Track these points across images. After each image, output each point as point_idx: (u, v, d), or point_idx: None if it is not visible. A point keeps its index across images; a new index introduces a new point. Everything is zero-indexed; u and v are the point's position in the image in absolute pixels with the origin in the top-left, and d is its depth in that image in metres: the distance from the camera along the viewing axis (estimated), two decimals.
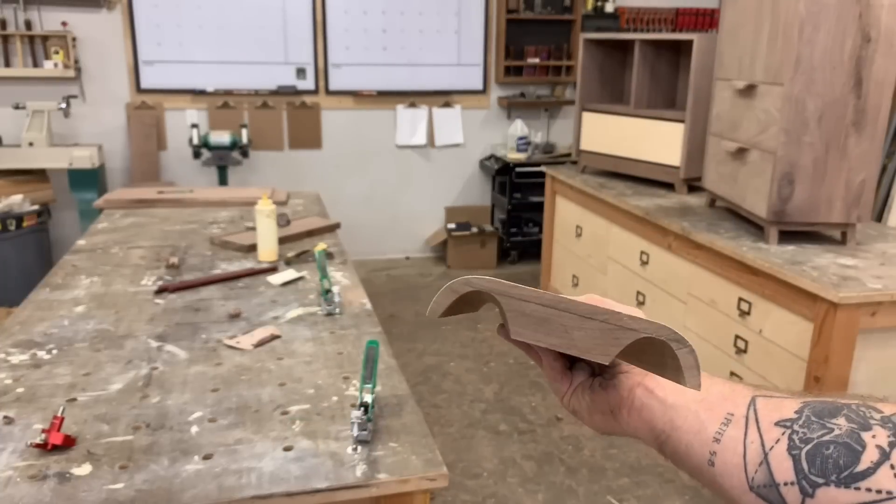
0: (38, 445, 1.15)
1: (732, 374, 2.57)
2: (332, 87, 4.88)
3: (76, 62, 4.41)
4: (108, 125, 4.61)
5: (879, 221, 3.96)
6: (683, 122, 3.31)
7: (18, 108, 4.21)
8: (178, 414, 1.29)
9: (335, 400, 1.36)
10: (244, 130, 4.58)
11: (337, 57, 4.85)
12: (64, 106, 4.25)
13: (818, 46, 2.29)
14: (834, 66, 2.31)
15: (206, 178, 4.75)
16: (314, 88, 4.86)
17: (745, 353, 2.49)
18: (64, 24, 4.36)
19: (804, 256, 2.37)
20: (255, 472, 1.12)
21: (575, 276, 3.92)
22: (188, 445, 1.19)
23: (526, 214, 5.15)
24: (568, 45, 5.22)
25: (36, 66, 4.37)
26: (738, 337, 2.53)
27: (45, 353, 1.54)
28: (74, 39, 4.39)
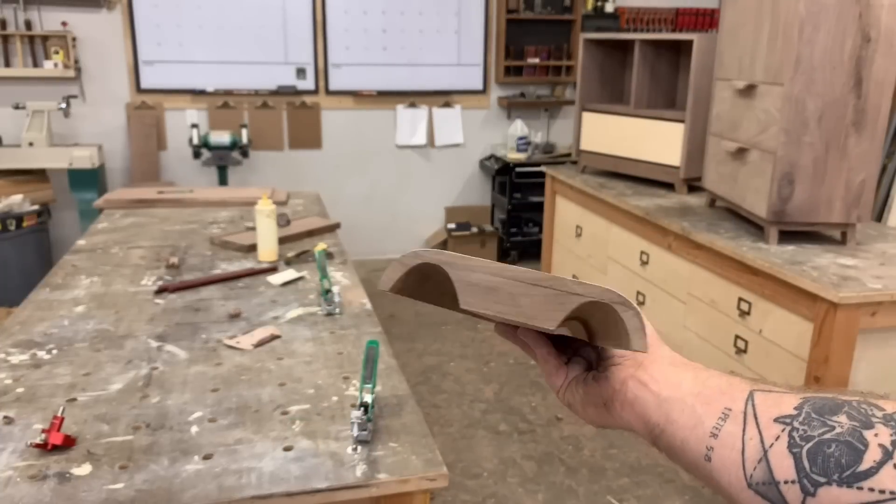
0: (38, 445, 1.15)
1: (732, 374, 2.57)
2: (332, 87, 4.88)
3: (76, 62, 4.41)
4: (108, 125, 4.61)
5: (879, 221, 3.96)
6: (683, 122, 3.31)
7: (18, 108, 4.21)
8: (178, 414, 1.29)
9: (335, 400, 1.36)
10: (244, 130, 4.58)
11: (337, 57, 4.85)
12: (64, 106, 4.25)
13: (818, 46, 2.29)
14: (834, 66, 2.31)
15: (206, 178, 4.75)
16: (314, 88, 4.85)
17: (745, 353, 2.49)
18: (64, 24, 4.36)
19: (804, 256, 2.37)
20: (255, 472, 1.12)
21: (575, 276, 3.92)
22: (188, 445, 1.19)
23: (526, 214, 5.15)
24: (568, 45, 5.22)
25: (36, 66, 4.37)
26: (738, 337, 2.53)
27: (45, 353, 1.54)
28: (74, 39, 4.39)
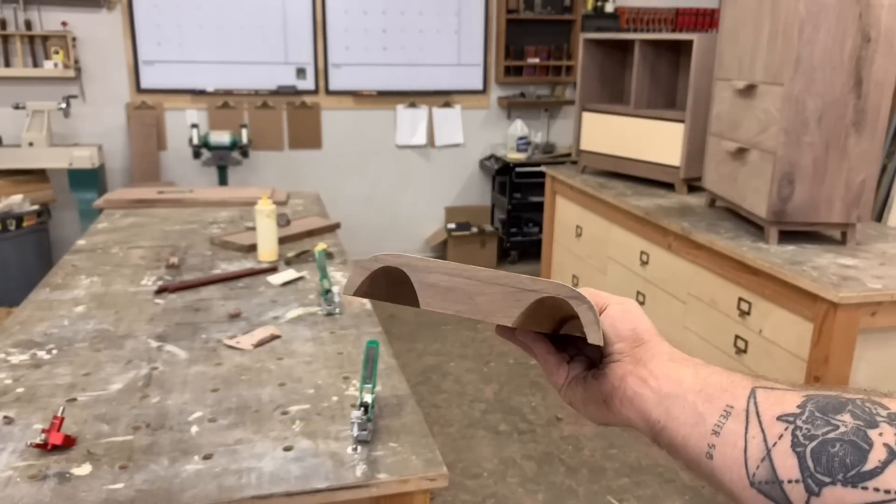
0: (38, 445, 1.15)
1: (733, 370, 2.57)
2: (332, 87, 4.88)
3: (76, 62, 4.41)
4: (108, 125, 4.61)
5: (879, 221, 3.96)
6: (683, 122, 3.31)
7: (18, 108, 4.21)
8: (178, 414, 1.29)
9: (335, 400, 1.36)
10: (244, 130, 4.58)
11: (337, 57, 4.85)
12: (64, 106, 4.25)
13: (818, 46, 2.29)
14: (834, 66, 2.31)
15: (206, 178, 4.75)
16: (314, 88, 4.85)
17: (745, 353, 2.49)
18: (64, 24, 4.36)
19: (804, 256, 2.37)
20: (255, 472, 1.12)
21: (575, 276, 3.92)
22: (188, 445, 1.19)
23: (526, 214, 5.15)
24: (568, 45, 5.22)
25: (36, 66, 4.37)
26: (738, 337, 2.53)
27: (45, 353, 1.54)
28: (74, 39, 4.39)
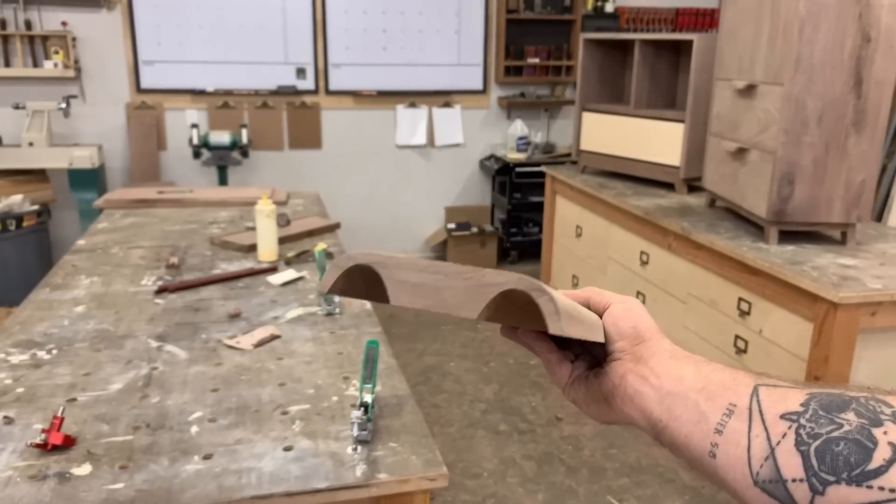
0: (38, 445, 1.15)
1: (735, 367, 2.57)
2: (332, 87, 4.88)
3: (76, 62, 4.41)
4: (108, 125, 4.61)
5: (879, 221, 3.96)
6: (683, 122, 3.31)
7: (18, 108, 4.20)
8: (178, 414, 1.29)
9: (335, 400, 1.36)
10: (244, 130, 4.58)
11: (337, 57, 4.85)
12: (64, 106, 4.25)
13: (818, 46, 2.29)
14: (834, 66, 2.31)
15: (206, 178, 4.75)
16: (314, 88, 4.85)
17: (745, 353, 2.49)
18: (64, 24, 4.36)
19: (804, 256, 2.37)
20: (255, 472, 1.12)
21: (575, 276, 3.92)
22: (188, 445, 1.19)
23: (526, 214, 5.15)
24: (568, 45, 5.22)
25: (36, 66, 4.37)
26: (738, 337, 2.53)
27: (45, 353, 1.54)
28: (74, 39, 4.39)
